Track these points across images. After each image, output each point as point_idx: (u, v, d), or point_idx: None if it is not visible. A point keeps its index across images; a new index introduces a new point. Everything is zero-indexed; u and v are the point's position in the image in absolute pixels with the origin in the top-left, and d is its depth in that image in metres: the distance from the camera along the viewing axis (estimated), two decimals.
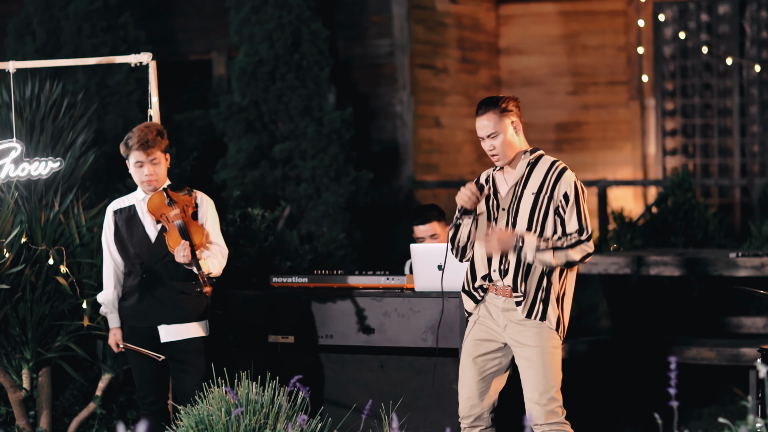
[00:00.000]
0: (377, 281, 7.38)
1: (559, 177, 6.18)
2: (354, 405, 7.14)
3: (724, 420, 4.69)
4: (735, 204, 13.91)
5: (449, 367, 6.99)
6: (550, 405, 6.14)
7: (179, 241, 6.82)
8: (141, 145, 6.92)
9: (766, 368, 4.48)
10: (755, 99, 13.85)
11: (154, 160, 6.95)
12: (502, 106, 6.19)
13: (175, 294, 6.98)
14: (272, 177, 12.14)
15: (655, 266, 9.27)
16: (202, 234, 6.91)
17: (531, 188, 6.19)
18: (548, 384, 6.13)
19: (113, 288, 7.11)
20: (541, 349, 6.13)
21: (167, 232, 6.90)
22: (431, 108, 13.49)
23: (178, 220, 6.87)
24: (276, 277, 7.66)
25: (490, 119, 6.20)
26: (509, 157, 6.24)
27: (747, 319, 9.67)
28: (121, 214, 7.10)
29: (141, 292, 7.00)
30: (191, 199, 7.01)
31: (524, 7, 14.55)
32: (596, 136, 14.19)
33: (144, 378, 7.06)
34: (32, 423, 8.03)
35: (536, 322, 6.15)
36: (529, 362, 6.15)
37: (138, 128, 7.01)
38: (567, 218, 6.13)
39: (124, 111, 12.39)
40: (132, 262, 7.04)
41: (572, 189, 6.16)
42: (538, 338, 6.14)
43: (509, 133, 6.22)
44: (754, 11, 13.85)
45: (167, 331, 6.98)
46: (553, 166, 6.24)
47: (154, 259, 6.99)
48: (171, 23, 13.98)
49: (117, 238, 7.08)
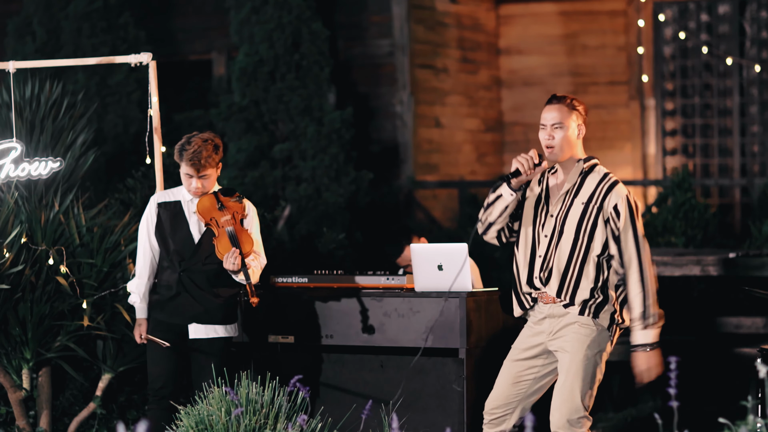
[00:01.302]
0: (377, 281, 7.38)
1: (610, 189, 6.09)
2: (354, 405, 7.14)
3: (724, 420, 4.68)
4: (735, 204, 13.91)
5: (449, 367, 6.99)
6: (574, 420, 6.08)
7: (229, 247, 6.80)
8: (193, 163, 6.87)
9: (766, 368, 4.47)
10: (755, 99, 13.85)
11: (203, 176, 6.93)
12: (573, 104, 6.16)
13: (212, 296, 6.98)
14: (272, 177, 12.14)
15: (655, 266, 9.27)
16: (251, 242, 6.90)
17: (582, 198, 6.10)
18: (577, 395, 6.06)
19: (147, 279, 7.05)
20: (583, 355, 6.05)
21: (217, 237, 6.87)
22: (431, 108, 13.49)
23: (229, 226, 6.86)
24: (276, 277, 7.66)
25: (560, 110, 6.14)
26: (562, 154, 6.14)
27: (747, 319, 9.67)
28: (166, 208, 7.05)
29: (177, 288, 6.97)
30: (241, 207, 6.99)
31: (524, 7, 14.55)
32: (596, 136, 14.18)
33: (161, 371, 7.01)
34: (32, 423, 8.03)
35: (583, 321, 6.05)
36: (565, 369, 6.07)
37: (196, 140, 6.91)
38: (623, 237, 6.03)
39: (124, 111, 12.40)
40: (171, 257, 7.01)
41: (624, 203, 6.05)
42: (579, 343, 6.05)
43: (572, 129, 6.14)
44: (754, 11, 13.85)
45: (197, 329, 6.98)
46: (605, 177, 6.14)
47: (196, 260, 6.97)
48: (171, 23, 13.98)
49: (159, 230, 7.03)
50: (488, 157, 14.19)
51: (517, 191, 6.09)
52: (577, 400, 5.99)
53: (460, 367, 6.95)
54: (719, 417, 4.80)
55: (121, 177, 10.56)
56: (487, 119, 14.23)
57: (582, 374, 6.00)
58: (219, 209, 6.89)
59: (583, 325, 6.02)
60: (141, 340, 7.07)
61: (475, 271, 8.13)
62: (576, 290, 6.02)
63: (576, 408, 5.99)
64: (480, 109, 14.15)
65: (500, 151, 14.38)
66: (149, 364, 7.10)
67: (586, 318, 6.02)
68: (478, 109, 14.12)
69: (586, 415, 6.03)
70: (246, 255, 6.84)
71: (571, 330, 6.04)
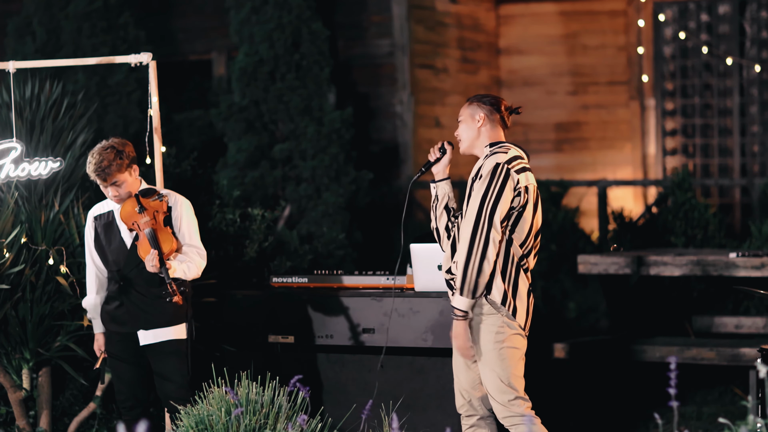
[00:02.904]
0: (377, 281, 7.38)
1: (485, 158, 6.18)
2: (354, 405, 7.14)
3: (724, 420, 4.69)
4: (735, 204, 13.91)
5: (449, 367, 6.98)
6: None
7: (149, 249, 6.80)
8: (98, 174, 6.82)
9: (766, 368, 4.48)
10: (755, 99, 13.85)
11: (115, 183, 6.89)
12: (476, 97, 6.33)
13: (153, 299, 6.96)
14: (272, 177, 12.14)
15: (655, 266, 9.27)
16: (172, 241, 6.85)
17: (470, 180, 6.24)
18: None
19: (95, 293, 7.10)
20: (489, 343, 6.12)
21: (139, 240, 6.87)
22: (431, 108, 13.49)
23: (147, 228, 6.84)
24: (276, 277, 7.66)
25: (463, 107, 6.35)
26: (468, 144, 6.29)
27: (747, 319, 9.67)
28: (100, 221, 7.06)
29: (120, 298, 6.99)
30: (162, 204, 6.94)
31: (524, 7, 14.55)
32: (596, 136, 14.19)
33: (122, 382, 7.05)
34: (32, 423, 8.03)
35: (481, 309, 6.10)
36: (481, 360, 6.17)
37: (98, 150, 6.86)
38: (472, 198, 6.12)
39: (124, 111, 12.40)
40: (111, 268, 7.03)
41: (488, 168, 6.11)
42: (484, 332, 6.12)
43: (471, 122, 6.29)
44: (754, 11, 13.85)
45: (146, 334, 6.98)
46: (492, 154, 6.20)
47: (131, 266, 6.96)
48: (171, 23, 13.98)
49: (97, 244, 7.05)
50: None
51: (437, 182, 6.45)
52: (503, 386, 6.07)
53: None
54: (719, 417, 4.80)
55: None
56: None
57: (497, 360, 6.09)
58: (138, 212, 6.87)
59: (486, 315, 6.08)
60: (102, 355, 7.10)
61: None
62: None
63: (503, 391, 6.08)
64: None
65: None
66: (113, 378, 7.16)
67: (487, 306, 6.08)
68: None
69: (518, 396, 6.10)
70: (166, 255, 6.80)
71: (476, 321, 6.11)
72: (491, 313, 6.09)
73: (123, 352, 7.02)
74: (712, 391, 9.67)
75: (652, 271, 9.26)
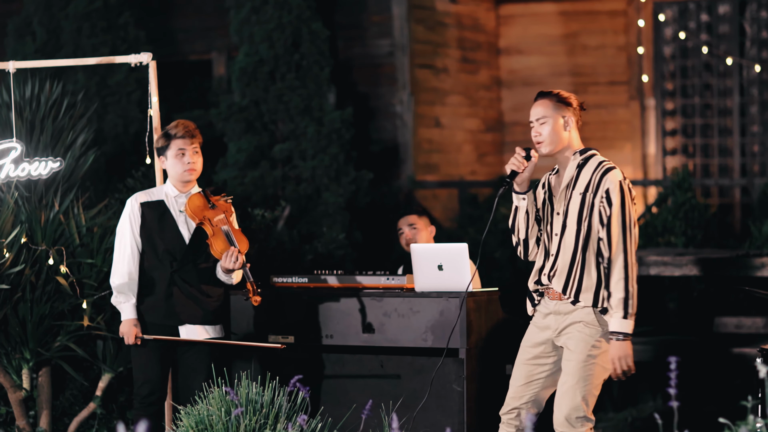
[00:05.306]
0: (377, 281, 7.38)
1: (603, 175, 6.09)
2: (354, 405, 7.14)
3: (724, 420, 4.68)
4: (735, 204, 13.91)
5: (449, 367, 6.98)
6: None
7: (227, 246, 6.78)
8: (186, 132, 6.95)
9: (766, 368, 4.47)
10: (755, 99, 13.85)
11: (196, 150, 6.95)
12: (559, 96, 6.20)
13: (204, 297, 6.96)
14: (272, 177, 12.14)
15: (655, 266, 9.27)
16: (246, 241, 6.88)
17: (579, 189, 6.10)
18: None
19: (134, 279, 6.96)
20: (585, 356, 6.01)
21: (212, 236, 6.82)
22: (431, 108, 13.49)
23: (224, 225, 6.83)
24: (276, 277, 7.66)
25: (543, 105, 6.19)
26: (552, 147, 6.15)
27: (747, 319, 9.67)
28: (150, 208, 7.00)
29: (168, 290, 6.94)
30: (230, 206, 6.97)
31: (524, 7, 14.55)
32: (596, 136, 14.18)
33: (149, 377, 6.98)
34: (32, 423, 8.03)
35: (587, 321, 6.00)
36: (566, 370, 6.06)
37: (179, 121, 7.04)
38: (613, 222, 6.00)
39: (124, 111, 12.39)
40: (161, 258, 6.98)
41: (617, 188, 6.03)
42: (583, 343, 6.01)
43: (558, 122, 6.16)
44: (754, 11, 13.85)
45: (189, 330, 6.95)
46: (599, 165, 6.13)
47: (187, 260, 6.94)
48: (171, 23, 13.98)
49: (144, 230, 6.98)
50: (488, 157, 14.19)
51: (525, 193, 6.13)
52: (578, 400, 5.99)
53: (460, 367, 6.95)
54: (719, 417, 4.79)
55: (121, 177, 10.56)
56: (487, 119, 14.23)
57: (583, 374, 5.99)
58: (211, 208, 6.86)
59: (587, 325, 6.02)
60: (134, 341, 6.97)
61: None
62: (580, 287, 6.02)
63: (576, 407, 5.99)
64: (480, 109, 14.15)
65: (500, 151, 14.38)
66: (135, 370, 7.04)
67: (591, 317, 6.02)
68: (478, 109, 14.12)
69: (586, 416, 6.00)
70: (243, 253, 6.83)
71: (576, 329, 6.03)
72: (593, 324, 6.02)
73: (156, 344, 6.97)
74: (712, 391, 9.67)
75: (652, 271, 9.26)
